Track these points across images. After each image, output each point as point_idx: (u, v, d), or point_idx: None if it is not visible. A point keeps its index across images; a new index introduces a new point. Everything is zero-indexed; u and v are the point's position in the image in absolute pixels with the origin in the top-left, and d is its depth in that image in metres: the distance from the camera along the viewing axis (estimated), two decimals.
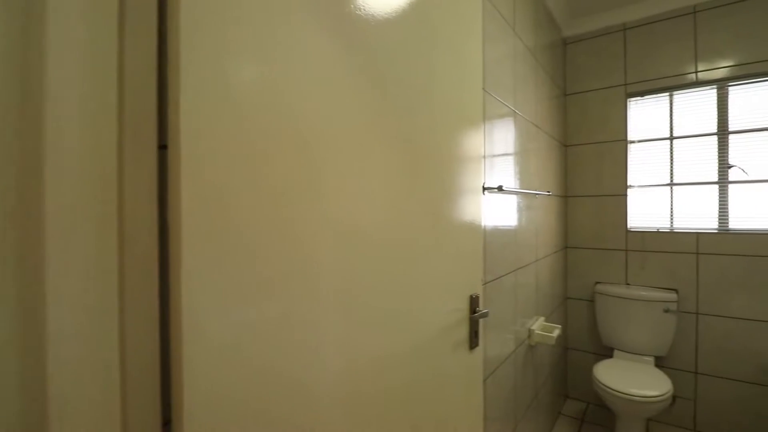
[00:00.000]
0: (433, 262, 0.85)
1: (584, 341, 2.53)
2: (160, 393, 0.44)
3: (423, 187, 0.82)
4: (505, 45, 1.55)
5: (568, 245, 2.59)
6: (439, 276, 0.87)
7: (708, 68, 2.18)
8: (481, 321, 1.05)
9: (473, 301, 0.99)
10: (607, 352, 2.36)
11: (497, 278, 1.43)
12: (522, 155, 1.74)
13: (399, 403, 0.76)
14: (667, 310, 2.13)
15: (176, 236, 0.41)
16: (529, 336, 1.77)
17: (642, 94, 2.40)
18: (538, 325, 1.84)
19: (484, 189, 1.29)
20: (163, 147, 0.44)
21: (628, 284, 2.37)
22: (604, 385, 1.85)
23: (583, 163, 2.54)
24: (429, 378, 0.85)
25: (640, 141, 2.43)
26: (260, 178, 0.49)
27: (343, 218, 0.62)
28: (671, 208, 2.33)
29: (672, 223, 2.32)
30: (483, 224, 1.29)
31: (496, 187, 1.30)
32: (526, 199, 1.80)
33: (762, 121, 2.10)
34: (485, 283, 1.32)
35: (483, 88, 1.28)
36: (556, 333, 1.78)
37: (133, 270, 0.42)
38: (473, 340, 0.99)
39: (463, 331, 0.96)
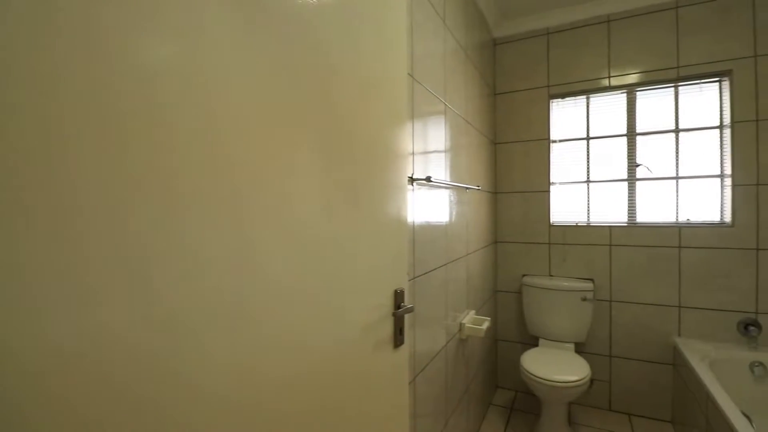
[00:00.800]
0: (352, 256, 0.78)
1: (513, 332, 2.63)
2: None
3: (341, 175, 0.74)
4: (436, 37, 1.52)
5: (497, 240, 2.67)
6: (359, 271, 0.80)
7: (619, 74, 2.36)
8: (407, 317, 1.00)
9: (398, 297, 0.93)
10: (533, 341, 2.47)
11: (427, 272, 1.39)
12: (453, 149, 1.74)
13: (312, 415, 0.67)
14: (584, 299, 2.27)
15: None
16: (460, 330, 1.77)
17: (563, 96, 2.54)
18: (468, 318, 1.86)
19: (413, 180, 1.25)
20: None
21: (551, 276, 2.50)
22: (530, 373, 1.91)
23: (511, 161, 2.64)
24: (349, 382, 0.77)
25: (561, 140, 2.58)
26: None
27: (242, 212, 0.52)
28: (588, 204, 2.50)
29: (589, 217, 2.49)
30: (410, 217, 1.24)
31: (425, 178, 1.27)
32: (457, 193, 1.81)
33: (664, 124, 2.33)
34: (414, 278, 1.27)
35: (411, 74, 1.23)
36: (485, 325, 1.81)
37: None
38: (398, 338, 0.93)
39: (387, 329, 0.90)
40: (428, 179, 1.27)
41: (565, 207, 2.56)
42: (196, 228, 0.47)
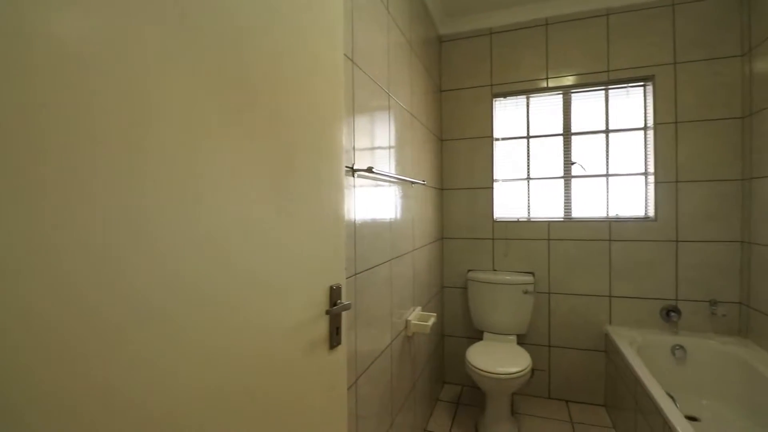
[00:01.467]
0: (277, 249, 0.69)
1: (459, 327, 2.66)
2: None
3: (264, 159, 0.66)
4: (379, 24, 1.47)
5: (444, 236, 2.68)
6: (286, 266, 0.72)
7: (556, 76, 2.46)
8: (348, 316, 0.93)
9: (334, 294, 0.86)
10: (478, 335, 2.51)
11: (370, 268, 1.33)
12: (398, 142, 1.70)
13: (233, 428, 0.59)
14: (526, 292, 2.34)
15: None
16: (406, 327, 1.74)
17: (505, 95, 2.61)
18: (414, 315, 1.83)
19: (354, 171, 1.18)
20: None
21: (495, 270, 2.55)
22: (474, 367, 1.92)
23: (457, 158, 2.66)
24: (274, 390, 0.69)
25: (504, 139, 2.64)
26: None
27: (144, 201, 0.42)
28: (528, 200, 2.58)
29: (529, 213, 2.57)
30: (351, 210, 1.18)
31: (366, 168, 1.21)
32: (403, 188, 1.77)
33: (596, 125, 2.46)
34: (356, 274, 1.21)
35: (350, 58, 1.17)
36: (431, 321, 1.79)
37: None
38: (335, 338, 0.86)
39: (322, 329, 0.82)
40: (370, 170, 1.21)
41: (508, 203, 2.63)
42: (99, 222, 0.38)
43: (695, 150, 2.22)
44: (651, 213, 2.32)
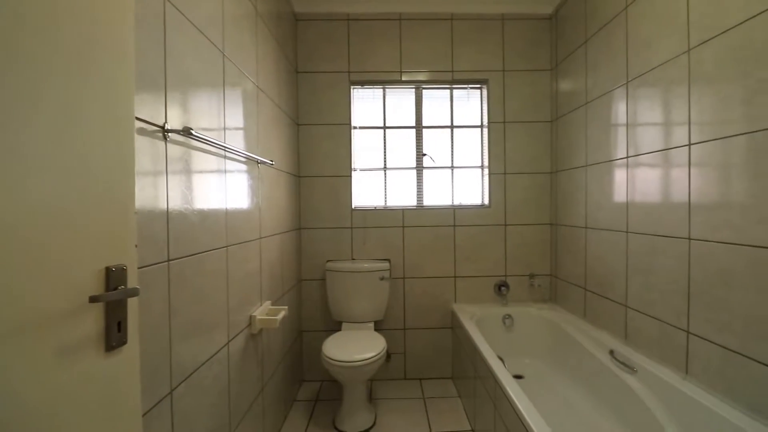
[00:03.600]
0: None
1: (318, 321, 2.55)
2: None
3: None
4: None
5: (302, 226, 2.54)
6: (21, 239, 0.48)
7: (409, 70, 2.56)
8: (136, 307, 0.72)
9: (114, 277, 0.64)
10: (338, 327, 2.45)
11: (195, 254, 1.11)
12: (237, 112, 1.48)
13: None
14: (382, 278, 2.37)
15: None
16: (251, 323, 1.54)
17: (362, 84, 2.61)
18: (262, 310, 1.64)
19: (165, 130, 0.95)
20: None
21: (353, 259, 2.53)
22: (329, 358, 1.84)
23: (316, 144, 2.55)
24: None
25: (362, 128, 2.64)
26: None
27: None
28: (385, 189, 2.64)
29: (386, 201, 2.63)
30: (157, 178, 0.94)
31: (182, 129, 0.98)
32: (248, 168, 1.56)
33: (443, 120, 2.65)
34: (170, 260, 0.98)
35: None
36: (281, 315, 1.63)
37: None
38: (114, 336, 0.64)
39: (88, 324, 0.60)
40: (187, 131, 0.99)
41: (366, 192, 2.63)
42: None
43: (519, 147, 2.58)
44: (486, 201, 2.61)
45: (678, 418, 1.37)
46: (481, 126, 2.66)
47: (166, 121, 0.96)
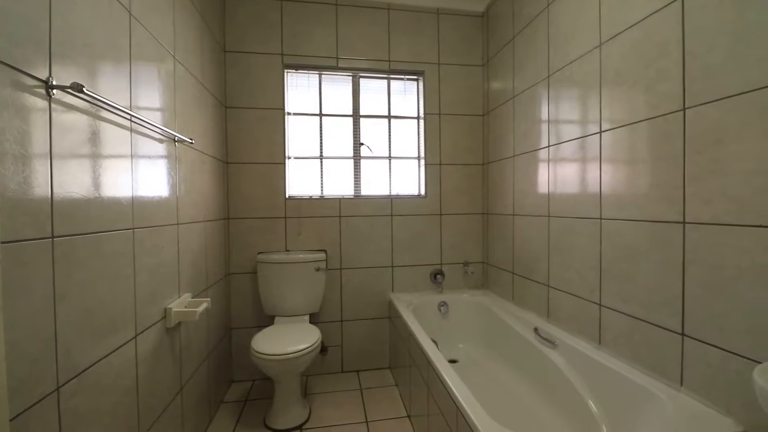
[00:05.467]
0: None
1: (249, 317, 2.40)
2: None
3: None
4: None
5: (230, 216, 2.38)
6: None
7: (346, 57, 2.51)
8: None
9: None
10: (270, 322, 2.32)
11: (86, 234, 0.95)
12: (149, 81, 1.33)
13: None
14: (318, 269, 2.29)
15: None
16: (165, 316, 1.39)
17: (296, 68, 2.51)
18: (180, 302, 1.49)
19: (49, 85, 0.80)
20: None
21: (288, 250, 2.42)
22: (258, 353, 1.73)
23: (246, 129, 2.39)
24: None
25: (296, 114, 2.53)
26: None
27: None
28: (321, 178, 2.56)
29: (322, 190, 2.55)
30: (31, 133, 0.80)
31: (69, 84, 0.84)
32: (165, 145, 1.41)
33: (380, 110, 2.63)
34: (57, 237, 0.83)
35: None
36: (202, 307, 1.49)
37: None
38: None
39: None
40: (78, 87, 0.84)
41: (301, 181, 2.53)
42: None
43: (453, 138, 2.64)
44: (423, 191, 2.64)
45: (591, 384, 1.47)
46: (418, 117, 2.69)
47: (50, 75, 0.82)
